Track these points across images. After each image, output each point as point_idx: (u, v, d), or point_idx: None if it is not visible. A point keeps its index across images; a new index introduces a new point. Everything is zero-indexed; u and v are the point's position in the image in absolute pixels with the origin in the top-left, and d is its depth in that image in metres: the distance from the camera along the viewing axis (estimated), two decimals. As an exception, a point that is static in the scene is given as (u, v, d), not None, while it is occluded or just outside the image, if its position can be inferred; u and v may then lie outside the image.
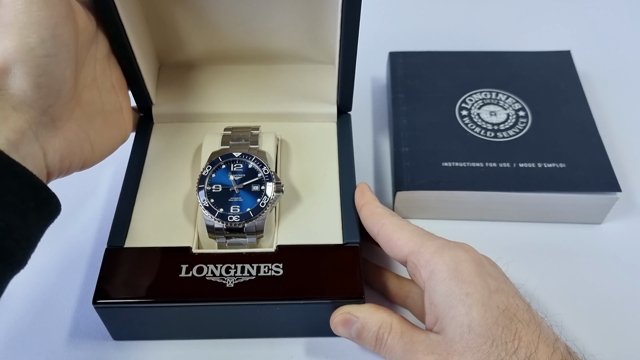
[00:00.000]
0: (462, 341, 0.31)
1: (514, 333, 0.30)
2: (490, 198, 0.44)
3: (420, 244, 0.34)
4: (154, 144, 0.44)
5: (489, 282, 0.32)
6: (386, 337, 0.33)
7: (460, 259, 0.33)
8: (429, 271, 0.33)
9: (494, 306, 0.31)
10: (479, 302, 0.31)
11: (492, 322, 0.30)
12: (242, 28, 0.44)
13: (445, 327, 0.32)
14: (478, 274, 0.32)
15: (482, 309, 0.31)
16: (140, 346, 0.38)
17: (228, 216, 0.36)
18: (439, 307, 0.32)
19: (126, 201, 0.40)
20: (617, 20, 0.64)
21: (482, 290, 0.32)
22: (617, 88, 0.56)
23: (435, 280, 0.33)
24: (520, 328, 0.30)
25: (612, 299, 0.41)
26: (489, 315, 0.31)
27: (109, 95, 0.39)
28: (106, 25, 0.37)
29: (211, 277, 0.35)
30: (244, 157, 0.39)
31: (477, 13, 0.65)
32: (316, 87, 0.46)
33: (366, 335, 0.34)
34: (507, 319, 0.31)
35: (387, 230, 0.36)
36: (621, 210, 0.46)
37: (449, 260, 0.33)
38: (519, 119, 0.48)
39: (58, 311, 0.40)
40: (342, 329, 0.35)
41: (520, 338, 0.30)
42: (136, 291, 0.35)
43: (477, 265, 0.33)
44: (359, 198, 0.39)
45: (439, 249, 0.33)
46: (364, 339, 0.34)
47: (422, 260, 0.34)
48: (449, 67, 0.52)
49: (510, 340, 0.30)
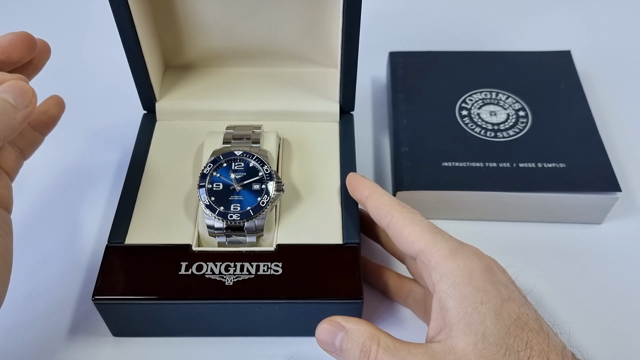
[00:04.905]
0: (475, 350, 0.30)
1: (526, 342, 0.30)
2: (490, 198, 0.44)
3: (433, 244, 0.33)
4: (156, 141, 0.44)
5: (501, 291, 0.32)
6: (375, 350, 0.31)
7: (474, 266, 0.32)
8: (440, 274, 0.32)
9: (507, 315, 0.31)
10: (492, 311, 0.30)
11: (504, 332, 0.30)
12: (245, 29, 0.44)
13: (457, 334, 0.30)
14: (491, 282, 0.32)
15: (495, 318, 0.30)
16: (140, 343, 0.38)
17: (228, 214, 0.36)
18: (452, 313, 0.31)
19: (127, 198, 0.40)
20: (617, 20, 0.64)
21: (495, 299, 0.31)
22: (617, 88, 0.56)
23: (448, 284, 0.32)
24: (531, 337, 0.30)
25: (612, 299, 0.41)
26: (502, 324, 0.30)
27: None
28: (118, 26, 0.39)
29: (210, 275, 0.35)
30: (245, 156, 0.39)
31: (477, 13, 0.65)
32: (319, 86, 0.46)
33: (350, 346, 0.31)
34: (518, 328, 0.30)
35: (398, 223, 0.35)
36: (621, 210, 0.46)
37: (462, 266, 0.32)
38: (519, 119, 0.48)
39: (58, 307, 0.40)
40: (326, 336, 0.32)
41: (531, 347, 0.30)
42: (136, 288, 0.35)
43: (489, 272, 0.32)
44: (360, 188, 0.38)
45: (452, 253, 0.32)
46: (347, 351, 0.32)
47: (434, 261, 0.32)
48: (449, 67, 0.52)
49: (522, 349, 0.30)
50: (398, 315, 0.40)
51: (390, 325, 0.39)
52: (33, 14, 0.65)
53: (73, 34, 0.62)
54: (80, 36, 0.62)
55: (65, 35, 0.62)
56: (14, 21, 0.64)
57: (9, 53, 0.33)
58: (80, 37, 0.62)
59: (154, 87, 0.44)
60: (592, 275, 0.42)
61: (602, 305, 0.41)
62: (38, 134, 0.38)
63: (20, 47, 0.33)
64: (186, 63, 0.48)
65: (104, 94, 0.54)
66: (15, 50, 0.33)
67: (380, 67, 0.57)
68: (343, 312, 0.36)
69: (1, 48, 0.33)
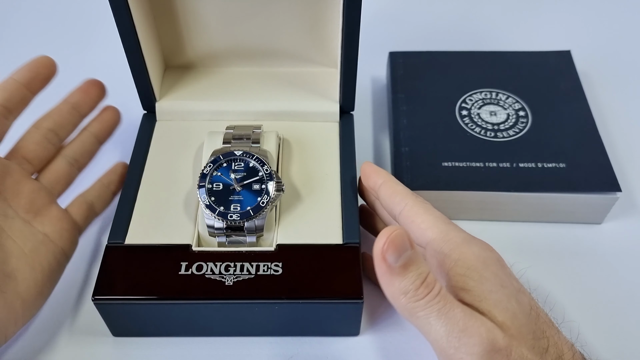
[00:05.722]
0: (513, 327, 0.29)
1: (543, 332, 0.30)
2: (490, 198, 0.44)
3: (446, 232, 0.33)
4: (156, 141, 0.44)
5: (514, 283, 0.32)
6: (437, 289, 0.28)
7: (488, 255, 0.32)
8: (454, 259, 0.31)
9: (525, 303, 0.30)
10: (513, 296, 0.30)
11: (526, 317, 0.30)
12: (245, 29, 0.44)
13: (488, 309, 0.29)
14: (504, 272, 0.32)
15: (516, 302, 0.30)
16: (140, 343, 0.38)
17: (228, 214, 0.36)
18: (475, 292, 0.30)
19: (127, 198, 0.40)
20: (617, 20, 0.64)
21: (511, 286, 0.31)
22: (617, 88, 0.56)
23: (464, 267, 0.31)
24: (546, 328, 0.30)
25: (612, 299, 0.41)
26: (523, 309, 0.30)
27: None
28: (118, 26, 0.39)
29: (210, 274, 0.35)
30: (245, 156, 0.39)
31: (477, 13, 0.65)
32: (319, 86, 0.46)
33: (414, 271, 0.28)
34: (534, 317, 0.30)
35: (411, 211, 0.34)
36: (621, 210, 0.46)
37: (477, 254, 0.32)
38: (519, 119, 0.48)
39: (58, 307, 0.40)
40: (392, 248, 0.28)
41: (548, 338, 0.30)
42: (136, 288, 0.35)
43: (502, 264, 0.32)
44: (374, 176, 0.37)
45: (465, 241, 0.32)
46: (407, 274, 0.28)
47: (447, 248, 0.32)
48: (449, 67, 0.52)
49: (541, 337, 0.29)
50: (398, 315, 0.40)
51: (391, 325, 0.39)
52: (33, 14, 0.65)
53: (73, 34, 0.62)
54: (80, 36, 0.62)
55: (66, 35, 0.62)
56: (15, 21, 0.64)
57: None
58: (80, 37, 0.62)
59: (154, 87, 0.44)
60: (592, 276, 0.42)
61: (602, 306, 0.41)
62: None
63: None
64: (186, 63, 0.48)
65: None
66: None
67: (380, 67, 0.57)
68: (343, 312, 0.36)
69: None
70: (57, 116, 0.42)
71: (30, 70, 0.40)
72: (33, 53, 0.42)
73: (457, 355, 0.28)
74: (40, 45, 0.61)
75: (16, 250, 0.36)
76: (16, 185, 0.38)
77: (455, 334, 0.28)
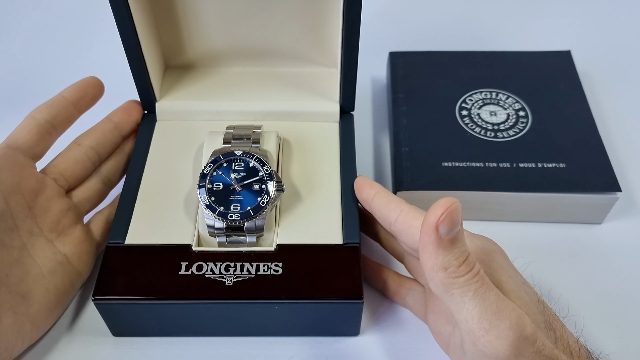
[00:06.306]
0: (530, 315, 0.29)
1: (550, 323, 0.30)
2: (490, 198, 0.44)
3: None
4: (156, 141, 0.44)
5: (518, 275, 0.32)
6: (477, 269, 0.28)
7: (492, 247, 0.32)
8: None
9: (532, 293, 0.31)
10: (520, 287, 0.30)
11: (536, 306, 0.30)
12: (245, 28, 0.44)
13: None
14: (509, 265, 0.32)
15: (525, 293, 0.30)
16: (140, 342, 0.38)
17: (228, 214, 0.36)
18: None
19: (127, 198, 0.40)
20: (617, 19, 0.64)
21: (516, 278, 0.31)
22: (617, 88, 0.56)
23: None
24: (552, 320, 0.30)
25: (612, 299, 0.41)
26: (532, 300, 0.30)
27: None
28: (118, 26, 0.39)
29: (210, 274, 0.35)
30: (246, 156, 0.39)
31: (477, 13, 0.65)
32: (319, 86, 0.46)
33: (459, 247, 0.28)
34: (542, 309, 0.30)
35: (408, 216, 0.34)
36: (621, 210, 0.46)
37: (481, 246, 0.32)
38: (519, 119, 0.48)
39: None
40: (448, 220, 0.27)
41: (554, 330, 0.30)
42: (136, 288, 0.35)
43: (505, 257, 0.33)
44: (367, 188, 0.37)
45: (468, 236, 0.32)
46: (453, 250, 0.28)
47: None
48: (449, 67, 0.52)
49: (549, 329, 0.30)
50: (398, 315, 0.40)
51: (390, 325, 0.39)
52: (33, 14, 0.65)
53: (73, 33, 0.62)
54: (80, 36, 0.62)
55: (66, 35, 0.62)
56: (15, 21, 0.64)
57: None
58: (80, 37, 0.62)
59: (154, 87, 0.44)
60: (592, 276, 0.42)
61: (602, 305, 0.41)
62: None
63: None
64: (186, 63, 0.48)
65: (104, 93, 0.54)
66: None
67: (380, 67, 0.57)
68: (343, 312, 0.36)
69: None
70: (100, 135, 0.42)
71: (79, 89, 0.40)
72: (33, 53, 0.42)
73: (486, 338, 0.28)
74: (40, 45, 0.61)
75: (34, 270, 0.36)
76: (47, 202, 0.38)
77: (487, 317, 0.28)
